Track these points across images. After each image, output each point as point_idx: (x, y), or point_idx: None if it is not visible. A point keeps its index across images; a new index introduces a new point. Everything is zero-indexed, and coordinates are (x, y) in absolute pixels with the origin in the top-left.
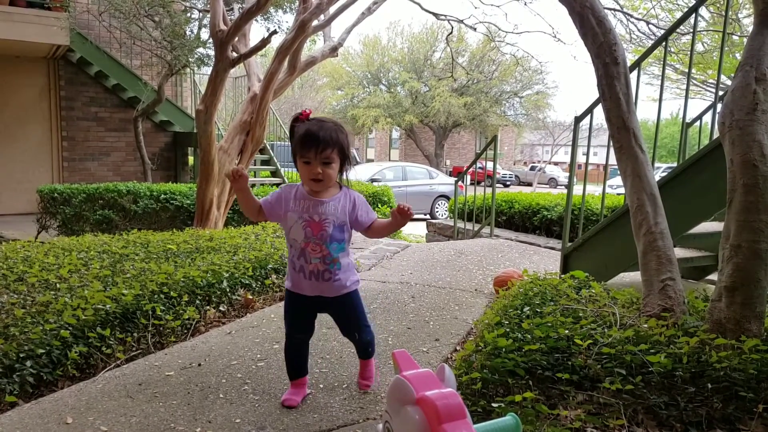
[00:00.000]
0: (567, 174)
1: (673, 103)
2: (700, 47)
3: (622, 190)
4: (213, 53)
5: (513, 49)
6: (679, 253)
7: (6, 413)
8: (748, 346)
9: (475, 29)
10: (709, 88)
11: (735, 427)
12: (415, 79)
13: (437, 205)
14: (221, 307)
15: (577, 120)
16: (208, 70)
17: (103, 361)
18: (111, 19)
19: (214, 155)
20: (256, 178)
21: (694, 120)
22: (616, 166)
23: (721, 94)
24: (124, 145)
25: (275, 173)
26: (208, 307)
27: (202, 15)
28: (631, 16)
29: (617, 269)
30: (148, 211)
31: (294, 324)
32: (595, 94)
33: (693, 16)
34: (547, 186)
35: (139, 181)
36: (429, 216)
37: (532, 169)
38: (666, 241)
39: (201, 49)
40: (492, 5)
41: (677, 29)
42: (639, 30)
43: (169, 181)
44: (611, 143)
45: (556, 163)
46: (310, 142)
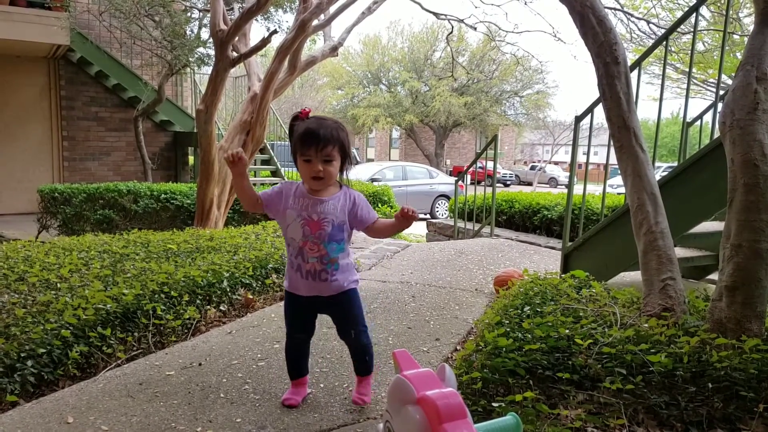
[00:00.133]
0: (567, 173)
1: (674, 103)
2: (700, 46)
3: (623, 190)
4: (213, 53)
5: (513, 49)
6: (680, 252)
7: (7, 413)
8: (748, 346)
9: (475, 29)
10: (709, 88)
11: (735, 427)
12: (416, 79)
13: (437, 205)
14: (222, 307)
15: (578, 119)
16: (208, 70)
17: (104, 361)
18: (111, 18)
19: (214, 155)
20: (256, 177)
21: (695, 119)
22: (617, 166)
23: (721, 93)
24: (125, 144)
25: (275, 173)
26: (209, 306)
27: (202, 15)
28: (632, 16)
29: (618, 269)
30: (148, 211)
31: (293, 324)
32: (595, 94)
33: (694, 15)
34: (548, 185)
35: (140, 180)
36: (429, 216)
37: (533, 168)
38: (666, 241)
39: (201, 49)
40: (492, 5)
41: (678, 28)
42: (639, 29)
43: (169, 181)
44: (612, 143)
45: (556, 163)
46: (310, 139)
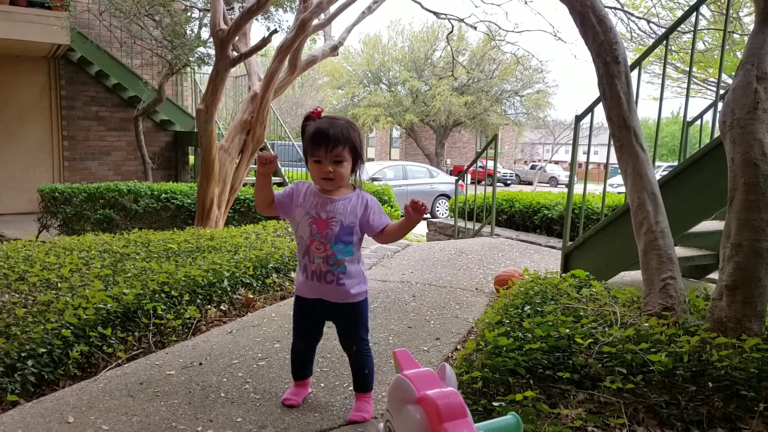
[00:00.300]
0: (567, 173)
1: (674, 102)
2: (701, 46)
3: (623, 189)
4: (213, 52)
5: (513, 48)
6: (680, 251)
7: (8, 412)
8: (748, 345)
9: (475, 28)
10: (709, 87)
11: (736, 426)
12: (416, 78)
13: (438, 205)
14: (222, 307)
15: (578, 119)
16: (208, 70)
17: (105, 361)
18: (111, 18)
19: (214, 154)
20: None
21: (695, 119)
22: (617, 165)
23: (722, 92)
24: (125, 144)
25: (276, 173)
26: (209, 306)
27: (202, 14)
28: (632, 15)
29: (618, 268)
30: (148, 211)
31: (298, 327)
32: (595, 93)
33: (694, 14)
34: (548, 185)
35: (140, 180)
36: (429, 215)
37: (533, 168)
38: (667, 240)
39: (201, 49)
40: (492, 4)
41: (678, 28)
42: (640, 28)
43: (169, 181)
44: (612, 142)
45: (556, 162)
46: (320, 139)
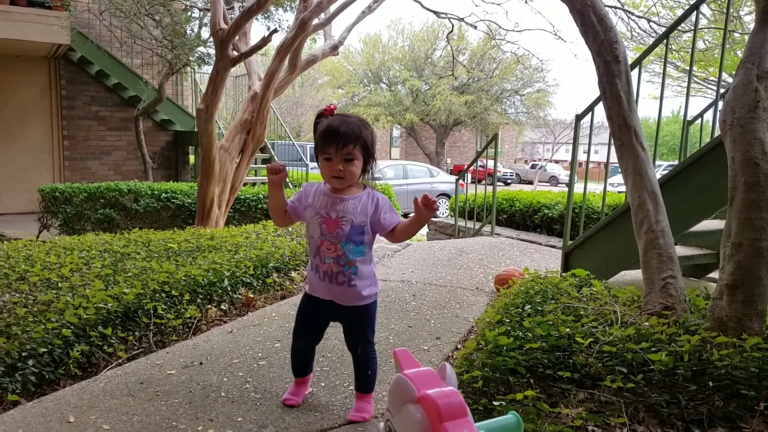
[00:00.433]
0: (568, 172)
1: (674, 101)
2: (701, 45)
3: (623, 188)
4: (213, 52)
5: (514, 47)
6: (680, 251)
7: (8, 412)
8: (749, 344)
9: (475, 27)
10: (710, 86)
11: (736, 425)
12: (416, 78)
13: (438, 204)
14: (222, 306)
15: (578, 118)
16: (208, 69)
17: (105, 360)
18: (111, 18)
19: (215, 154)
20: (256, 177)
21: (695, 118)
22: (617, 164)
23: (722, 91)
24: (125, 144)
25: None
26: (210, 305)
27: (202, 14)
28: (632, 14)
29: (618, 267)
30: (149, 210)
31: (301, 325)
32: (596, 92)
33: (694, 13)
34: (548, 184)
35: (140, 180)
36: None
37: (533, 167)
38: (667, 239)
39: (201, 48)
40: (493, 3)
41: (678, 27)
42: (640, 27)
43: (170, 180)
44: (612, 141)
45: (557, 161)
46: (330, 137)
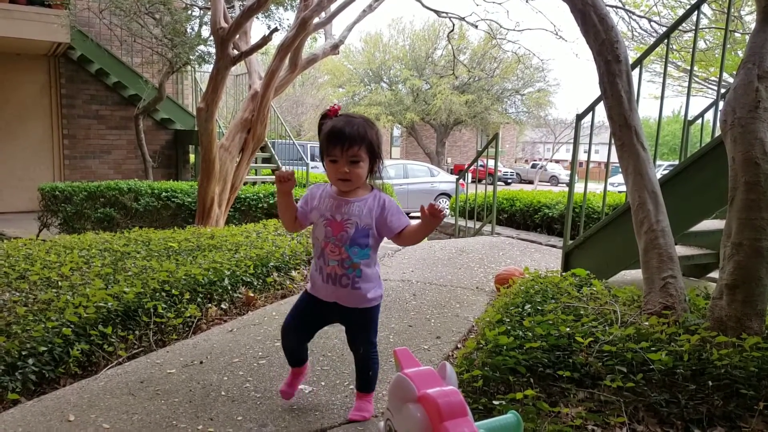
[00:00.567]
0: (568, 172)
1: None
2: (702, 45)
3: (624, 188)
4: (214, 51)
5: (514, 47)
6: (681, 250)
7: (9, 411)
8: (748, 344)
9: (476, 27)
10: (710, 86)
11: (735, 425)
12: (417, 77)
13: (438, 203)
14: (223, 305)
15: (579, 118)
16: (209, 68)
17: (105, 359)
18: (111, 16)
19: (215, 153)
20: (257, 176)
21: (696, 118)
22: (618, 164)
23: (723, 91)
24: (125, 143)
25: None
26: (210, 304)
27: (202, 12)
28: (633, 14)
29: (618, 267)
30: (149, 209)
31: (298, 322)
32: (596, 92)
33: (695, 13)
34: (549, 184)
35: (140, 179)
36: None
37: (534, 166)
38: (667, 239)
39: (202, 47)
40: (493, 3)
41: (679, 26)
42: (641, 27)
43: (170, 179)
44: (613, 141)
45: (557, 161)
46: (336, 138)
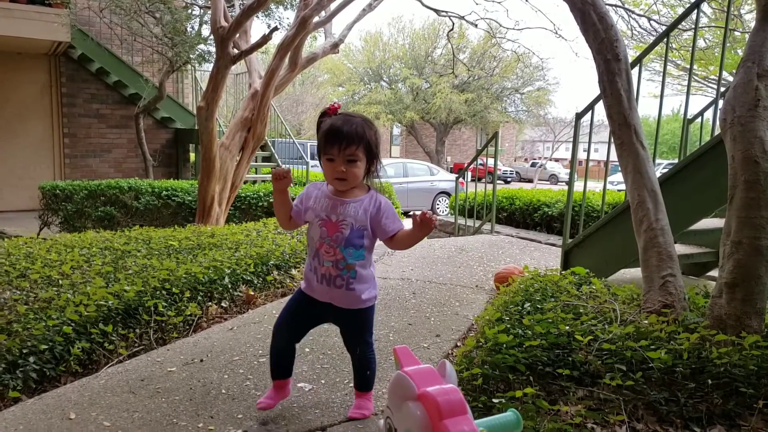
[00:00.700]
0: (568, 170)
1: (675, 100)
2: (701, 43)
3: (623, 187)
4: (214, 50)
5: (514, 46)
6: (680, 249)
7: (9, 408)
8: (748, 343)
9: (476, 26)
10: (710, 85)
11: (735, 423)
12: (416, 76)
13: (438, 202)
14: (223, 303)
15: (578, 116)
16: (209, 67)
17: (106, 357)
18: (112, 15)
19: (215, 152)
20: (257, 174)
21: (696, 116)
22: (617, 163)
23: (722, 90)
24: (126, 141)
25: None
26: (210, 303)
27: (203, 11)
28: (633, 12)
29: (618, 265)
30: (149, 208)
31: (290, 321)
32: (596, 91)
33: (695, 12)
34: (548, 182)
35: (141, 177)
36: (431, 212)
37: (533, 165)
38: (667, 238)
39: (202, 46)
40: (493, 1)
41: (679, 25)
42: (640, 26)
43: (170, 178)
44: (612, 140)
45: (556, 160)
46: (333, 137)
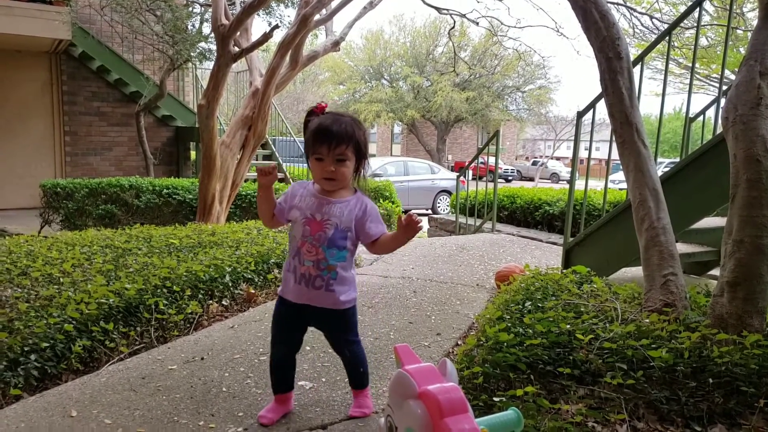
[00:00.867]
0: (569, 169)
1: (676, 98)
2: (703, 42)
3: (624, 185)
4: (215, 48)
5: (515, 44)
6: (681, 248)
7: (11, 406)
8: (749, 342)
9: (477, 24)
10: (712, 83)
11: (736, 422)
12: (417, 74)
13: (439, 201)
14: (224, 302)
15: (580, 115)
16: (209, 65)
17: (107, 355)
18: (113, 13)
19: (216, 150)
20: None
21: (697, 115)
22: (619, 161)
23: (724, 88)
24: (126, 139)
25: (279, 168)
26: (211, 301)
27: (203, 9)
28: (635, 10)
29: (619, 264)
30: (150, 206)
31: (277, 334)
32: (597, 89)
33: (697, 10)
34: (549, 181)
35: (142, 175)
36: (431, 211)
37: (534, 164)
38: (668, 236)
39: (203, 44)
40: None
41: (681, 23)
42: (642, 24)
43: (171, 176)
44: (614, 138)
45: (558, 158)
46: (323, 136)
